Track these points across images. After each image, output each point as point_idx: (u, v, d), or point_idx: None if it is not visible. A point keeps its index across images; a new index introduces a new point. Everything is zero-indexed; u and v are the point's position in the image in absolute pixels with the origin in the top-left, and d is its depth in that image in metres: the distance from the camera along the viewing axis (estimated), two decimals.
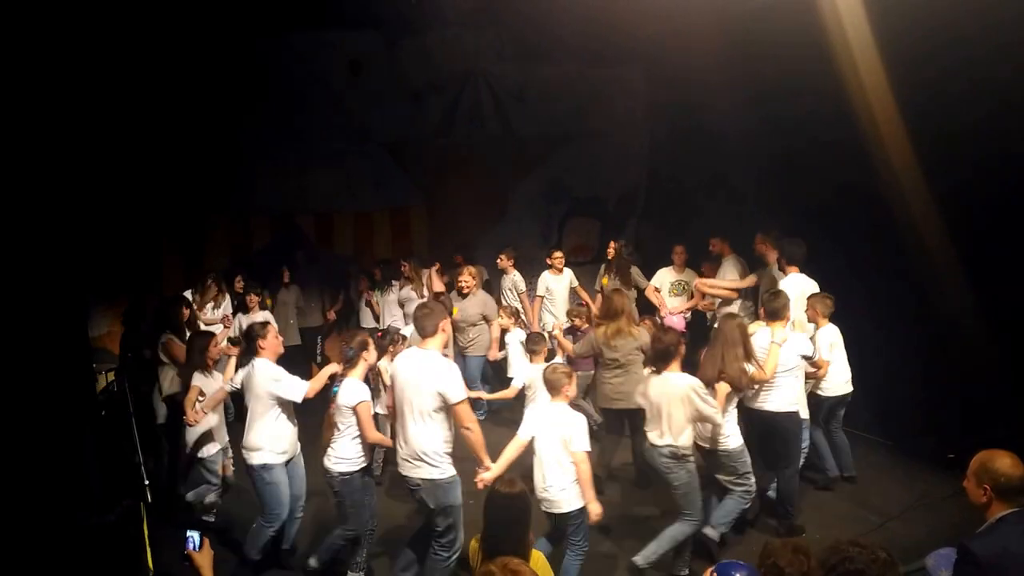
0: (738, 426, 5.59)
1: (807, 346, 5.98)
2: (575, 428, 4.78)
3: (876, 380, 6.97)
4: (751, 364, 5.52)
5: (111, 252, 8.80)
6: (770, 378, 5.67)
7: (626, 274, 8.85)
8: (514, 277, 9.27)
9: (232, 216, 10.36)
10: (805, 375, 6.13)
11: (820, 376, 6.42)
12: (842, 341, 6.56)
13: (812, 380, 6.46)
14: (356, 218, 10.98)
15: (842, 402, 6.63)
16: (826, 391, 6.55)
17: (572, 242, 11.57)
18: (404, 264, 9.40)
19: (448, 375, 4.77)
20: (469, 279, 8.37)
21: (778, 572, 2.79)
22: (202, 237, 10.24)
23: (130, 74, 8.68)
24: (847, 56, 6.80)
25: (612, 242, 9.09)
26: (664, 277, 9.01)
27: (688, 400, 5.13)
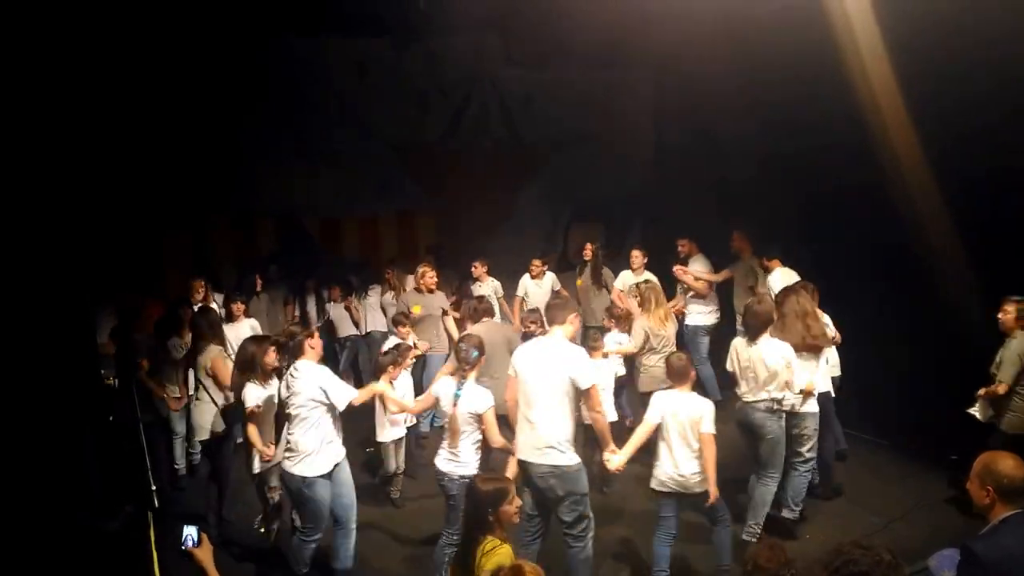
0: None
1: None
2: (705, 411, 5.01)
3: (877, 381, 6.99)
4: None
5: (116, 254, 8.79)
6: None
7: (599, 275, 9.24)
8: (493, 283, 9.39)
9: (237, 219, 10.39)
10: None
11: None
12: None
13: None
14: (362, 222, 11.02)
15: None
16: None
17: (577, 245, 11.55)
18: (388, 272, 9.39)
19: (579, 361, 4.88)
20: (430, 278, 8.20)
21: (759, 569, 2.87)
22: (207, 240, 10.27)
23: (138, 77, 8.71)
24: (855, 61, 6.84)
25: (588, 244, 9.46)
26: (626, 279, 9.11)
27: (786, 366, 5.50)
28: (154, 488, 6.04)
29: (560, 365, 4.85)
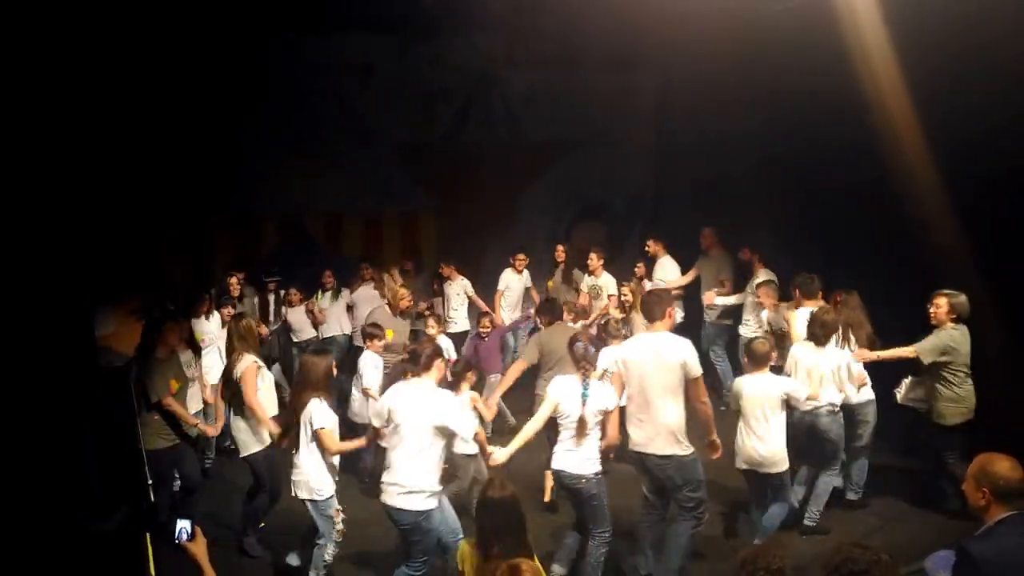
0: None
1: None
2: (792, 389, 5.53)
3: (877, 381, 7.00)
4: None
5: (116, 252, 8.78)
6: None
7: (569, 275, 9.61)
8: (463, 282, 9.53)
9: (240, 217, 10.40)
10: None
11: None
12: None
13: None
14: (365, 222, 11.03)
15: None
16: None
17: (580, 246, 11.58)
18: (365, 267, 9.37)
19: (689, 349, 5.10)
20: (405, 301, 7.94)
21: (754, 569, 2.89)
22: (210, 238, 10.28)
23: (141, 77, 8.71)
24: (861, 61, 6.81)
25: (559, 246, 9.89)
26: (586, 281, 9.32)
27: (844, 366, 5.94)
28: (151, 483, 6.03)
29: (673, 356, 5.02)
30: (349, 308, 9.23)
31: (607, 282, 8.98)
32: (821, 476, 6.09)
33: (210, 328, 7.75)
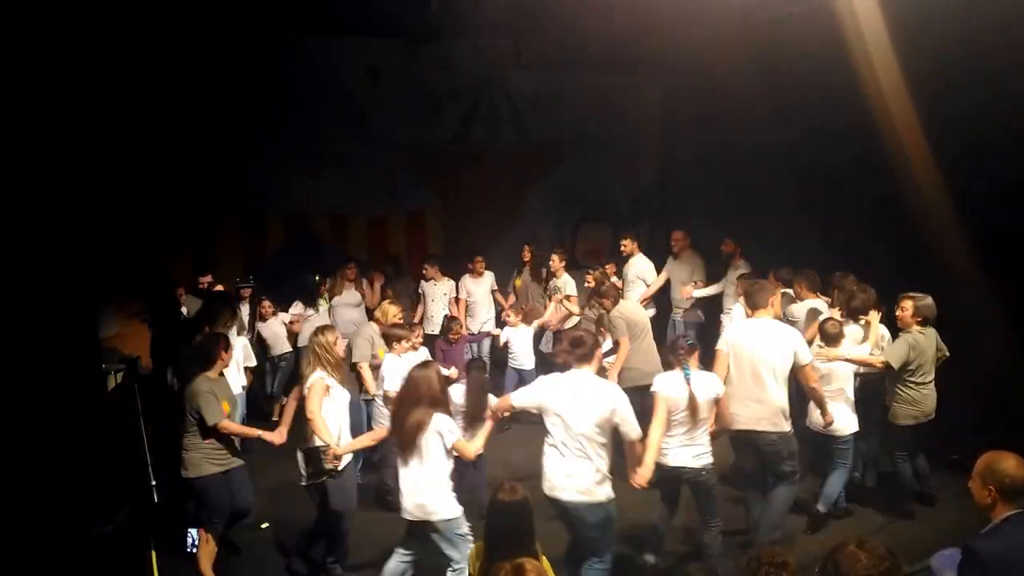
0: None
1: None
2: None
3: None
4: None
5: (117, 253, 8.79)
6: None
7: (538, 276, 9.65)
8: (448, 283, 9.50)
9: (243, 217, 10.42)
10: None
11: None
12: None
13: None
14: (370, 223, 11.04)
15: None
16: None
17: (585, 247, 11.62)
18: (351, 268, 9.27)
19: (798, 337, 5.53)
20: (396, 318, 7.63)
21: (758, 565, 2.88)
22: (215, 238, 10.30)
23: (140, 78, 8.73)
24: (869, 63, 6.80)
25: (526, 246, 9.89)
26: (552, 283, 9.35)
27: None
28: (153, 484, 6.03)
29: (784, 341, 5.42)
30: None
31: (566, 283, 9.02)
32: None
33: None
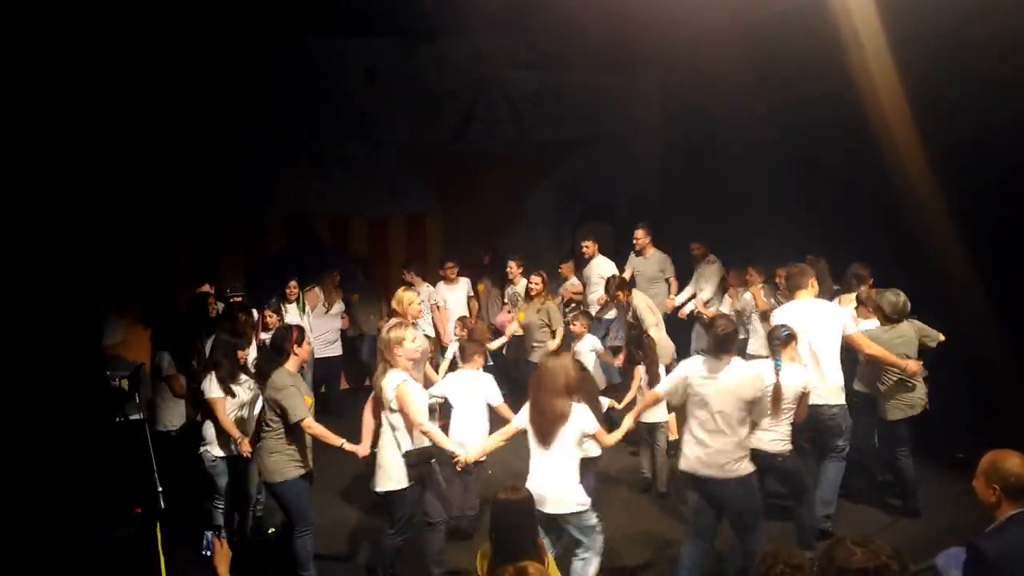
0: None
1: None
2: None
3: None
4: None
5: (117, 254, 8.78)
6: None
7: (499, 281, 9.78)
8: (427, 288, 9.44)
9: (244, 219, 10.42)
10: None
11: None
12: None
13: None
14: (371, 223, 11.04)
15: None
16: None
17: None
18: (334, 277, 9.25)
19: (844, 311, 6.02)
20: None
21: (773, 563, 2.87)
22: (215, 240, 10.31)
23: (140, 78, 8.73)
24: (867, 59, 6.80)
25: (486, 253, 10.02)
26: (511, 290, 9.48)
27: None
28: (160, 490, 6.03)
29: (831, 317, 5.83)
30: None
31: (524, 289, 9.04)
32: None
33: None
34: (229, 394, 5.75)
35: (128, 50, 8.28)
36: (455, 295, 9.52)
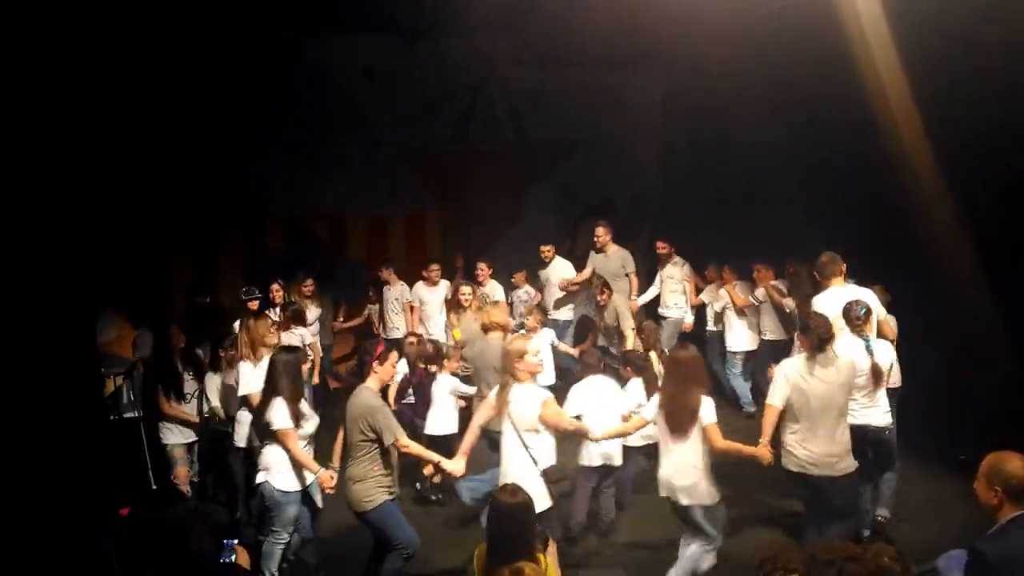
0: None
1: None
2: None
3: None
4: None
5: (117, 254, 8.78)
6: None
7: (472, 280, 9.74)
8: (400, 288, 9.49)
9: (245, 219, 10.42)
10: None
11: None
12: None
13: None
14: (369, 223, 11.02)
15: None
16: None
17: (585, 247, 11.56)
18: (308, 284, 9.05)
19: (871, 295, 5.88)
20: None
21: (772, 569, 2.84)
22: (214, 240, 10.30)
23: (139, 78, 8.72)
24: (869, 57, 6.75)
25: (458, 254, 10.01)
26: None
27: None
28: (155, 488, 6.01)
29: (871, 303, 5.75)
30: None
31: (494, 289, 9.12)
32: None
33: None
34: (297, 423, 5.22)
35: (128, 50, 8.26)
36: (435, 296, 9.45)
